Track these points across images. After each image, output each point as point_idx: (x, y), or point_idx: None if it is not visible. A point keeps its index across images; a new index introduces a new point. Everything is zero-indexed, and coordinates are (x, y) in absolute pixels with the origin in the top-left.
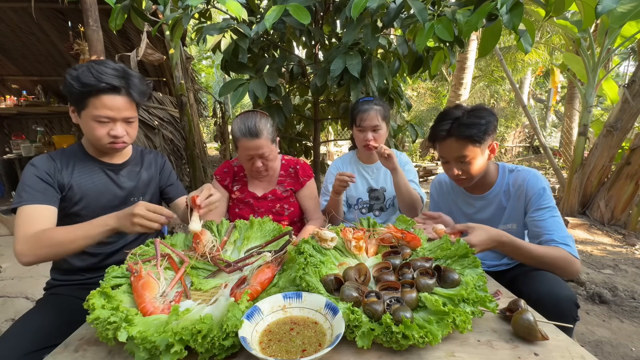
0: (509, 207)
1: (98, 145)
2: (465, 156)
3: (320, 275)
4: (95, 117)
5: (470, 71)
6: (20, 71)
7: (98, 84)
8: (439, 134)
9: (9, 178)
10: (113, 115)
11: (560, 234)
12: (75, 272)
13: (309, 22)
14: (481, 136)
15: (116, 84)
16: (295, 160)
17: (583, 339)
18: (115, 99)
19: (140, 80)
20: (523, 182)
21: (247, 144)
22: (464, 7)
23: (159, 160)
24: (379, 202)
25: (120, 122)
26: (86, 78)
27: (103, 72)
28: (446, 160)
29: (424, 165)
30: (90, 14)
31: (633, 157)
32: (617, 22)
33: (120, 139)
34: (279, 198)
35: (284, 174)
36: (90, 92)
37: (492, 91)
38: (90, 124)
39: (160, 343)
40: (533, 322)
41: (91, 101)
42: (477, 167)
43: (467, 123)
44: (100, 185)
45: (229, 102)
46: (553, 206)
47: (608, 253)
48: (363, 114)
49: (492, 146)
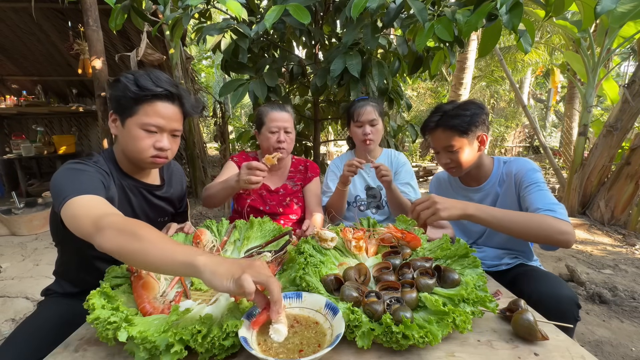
0: (501, 195)
1: (138, 159)
2: (452, 146)
3: (320, 275)
4: (144, 124)
5: (470, 71)
6: (20, 71)
7: (155, 88)
8: (429, 125)
9: (9, 178)
10: (163, 125)
11: (545, 202)
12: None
13: (309, 22)
14: (465, 127)
15: (173, 91)
16: (304, 160)
17: (583, 339)
18: (169, 108)
19: (194, 96)
20: (515, 170)
21: (276, 115)
22: (464, 7)
23: (180, 175)
24: (376, 201)
25: (167, 134)
26: (144, 81)
27: (161, 78)
28: (437, 150)
29: (424, 165)
30: (90, 14)
31: (633, 157)
32: (617, 22)
33: (165, 152)
34: (289, 192)
35: (294, 171)
36: (146, 96)
37: (492, 91)
38: (136, 132)
39: (160, 343)
40: (533, 322)
41: (143, 108)
42: (465, 156)
43: (453, 114)
44: (137, 206)
45: (229, 102)
46: (541, 182)
47: (608, 253)
48: (360, 109)
49: (482, 137)
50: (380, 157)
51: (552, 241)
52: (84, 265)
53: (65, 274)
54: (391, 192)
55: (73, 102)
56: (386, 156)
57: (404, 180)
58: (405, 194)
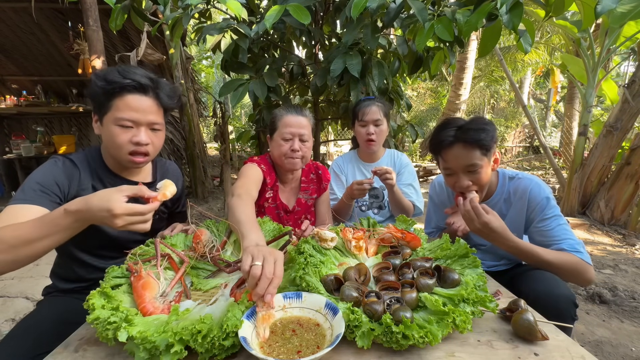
0: (509, 216)
1: (118, 157)
2: (475, 164)
3: (320, 275)
4: (118, 119)
5: (470, 71)
6: (20, 71)
7: (123, 80)
8: (446, 140)
9: (9, 178)
10: (137, 118)
11: (569, 241)
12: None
13: (309, 22)
14: (489, 142)
15: (143, 82)
16: (314, 164)
17: (583, 339)
18: (142, 100)
19: (171, 86)
20: (525, 192)
21: (291, 119)
22: (464, 7)
23: (176, 174)
24: (378, 201)
25: (144, 128)
26: (111, 75)
27: (130, 70)
28: (452, 171)
29: (424, 165)
30: (90, 14)
31: (633, 157)
32: (617, 22)
33: (143, 147)
34: (305, 209)
35: (307, 180)
36: (114, 90)
37: (492, 91)
38: (111, 129)
39: (160, 343)
40: (533, 322)
41: (115, 102)
42: (486, 179)
43: (475, 128)
44: None
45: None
46: (559, 214)
47: (608, 253)
48: (365, 109)
49: (496, 156)
50: (383, 157)
51: (579, 282)
52: (71, 260)
53: (58, 271)
54: (393, 194)
55: (73, 102)
56: (389, 157)
57: (407, 181)
58: (407, 195)
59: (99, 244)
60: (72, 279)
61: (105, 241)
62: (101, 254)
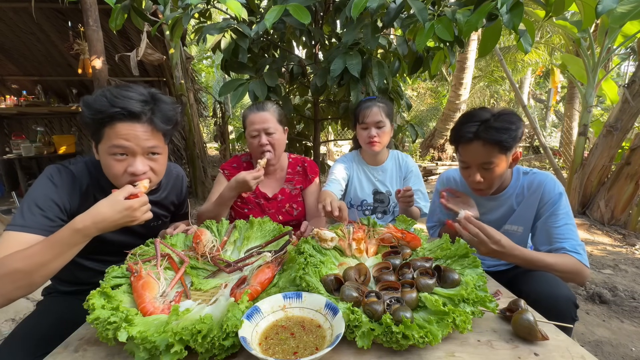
0: (518, 210)
1: (117, 185)
2: (490, 162)
3: (320, 275)
4: (110, 149)
5: (470, 71)
6: (20, 71)
7: (109, 109)
8: (465, 136)
9: (9, 178)
10: (130, 147)
11: (572, 242)
12: (80, 284)
13: (309, 22)
14: (511, 142)
15: (133, 108)
16: (302, 158)
17: (583, 339)
18: (133, 127)
19: (171, 104)
20: (540, 186)
21: (253, 117)
22: (464, 7)
23: (180, 180)
24: (383, 205)
25: (140, 156)
26: (99, 104)
27: (119, 95)
28: (468, 165)
29: (424, 165)
30: (90, 14)
31: (633, 157)
32: (617, 22)
33: (141, 176)
34: (289, 197)
35: (292, 172)
36: (103, 120)
37: (492, 91)
38: (106, 159)
39: (160, 343)
40: (533, 322)
41: (106, 131)
42: (499, 175)
43: (498, 127)
44: None
45: (229, 102)
46: (569, 213)
47: (608, 253)
48: (366, 111)
49: (517, 154)
50: (388, 160)
51: (574, 282)
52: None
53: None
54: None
55: (73, 102)
56: (393, 159)
57: (414, 187)
58: (415, 201)
59: (99, 249)
60: (72, 282)
61: (106, 246)
62: (102, 259)
